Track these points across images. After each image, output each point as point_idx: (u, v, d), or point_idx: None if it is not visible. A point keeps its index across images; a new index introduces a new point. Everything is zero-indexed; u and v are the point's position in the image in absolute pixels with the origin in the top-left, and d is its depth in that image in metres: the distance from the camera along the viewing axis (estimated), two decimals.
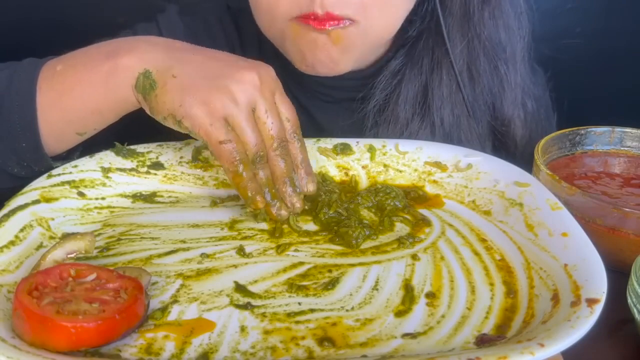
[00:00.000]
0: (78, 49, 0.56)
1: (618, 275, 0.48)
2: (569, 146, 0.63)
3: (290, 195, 0.53)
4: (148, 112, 0.53)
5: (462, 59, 0.66)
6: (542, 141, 0.59)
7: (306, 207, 0.55)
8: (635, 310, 0.44)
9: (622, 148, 0.63)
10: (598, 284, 0.41)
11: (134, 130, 0.58)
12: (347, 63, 0.62)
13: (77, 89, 0.53)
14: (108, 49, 0.54)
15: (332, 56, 0.60)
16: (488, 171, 0.59)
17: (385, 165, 0.62)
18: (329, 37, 0.58)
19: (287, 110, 0.53)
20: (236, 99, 0.50)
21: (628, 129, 0.63)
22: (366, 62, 0.68)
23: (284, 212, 0.53)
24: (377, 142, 0.63)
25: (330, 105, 0.72)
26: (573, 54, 1.07)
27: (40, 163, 0.55)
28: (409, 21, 0.65)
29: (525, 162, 0.60)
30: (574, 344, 0.37)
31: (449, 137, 0.67)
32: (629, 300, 0.45)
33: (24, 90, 0.53)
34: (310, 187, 0.55)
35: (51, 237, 0.50)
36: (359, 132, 0.69)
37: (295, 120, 0.54)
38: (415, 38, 0.67)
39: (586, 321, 0.38)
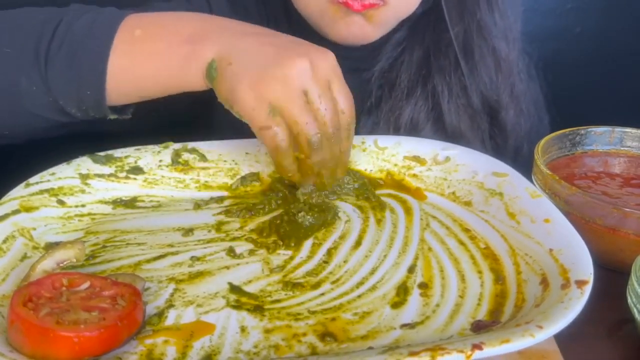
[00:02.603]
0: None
1: (618, 275, 0.49)
2: (569, 146, 0.64)
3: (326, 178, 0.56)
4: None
5: (460, 35, 0.72)
6: (542, 141, 0.60)
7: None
8: (635, 310, 0.45)
9: (622, 148, 0.63)
10: (585, 266, 0.43)
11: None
12: (377, 35, 0.69)
13: (151, 63, 0.54)
14: (188, 31, 0.54)
15: (365, 31, 0.67)
16: (466, 163, 0.60)
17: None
18: (364, 17, 0.65)
19: (344, 101, 0.53)
20: (284, 84, 0.50)
21: (628, 129, 0.64)
22: (386, 32, 0.72)
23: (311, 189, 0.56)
24: (356, 139, 0.64)
25: None
26: (573, 54, 1.09)
27: (99, 111, 0.55)
28: None
29: (520, 164, 0.61)
30: (574, 344, 0.38)
31: (447, 112, 0.72)
32: (629, 300, 0.45)
33: (100, 45, 0.53)
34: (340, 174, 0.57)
35: (35, 247, 0.49)
36: (363, 98, 0.74)
37: (351, 112, 0.54)
38: (419, 16, 0.73)
39: (578, 302, 0.40)
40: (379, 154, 0.63)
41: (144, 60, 0.54)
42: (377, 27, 0.67)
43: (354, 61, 0.73)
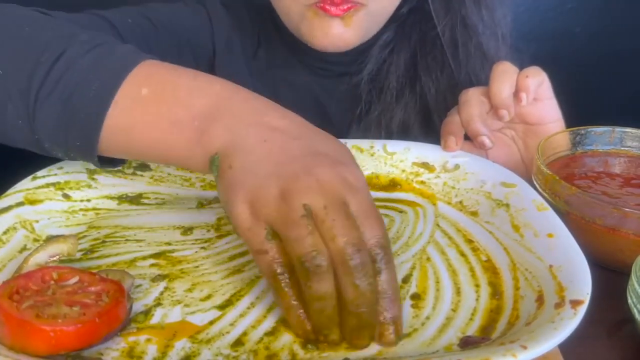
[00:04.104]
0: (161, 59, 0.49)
1: (618, 275, 0.49)
2: (569, 146, 0.63)
3: (352, 329, 0.40)
4: None
5: (446, 33, 0.71)
6: (542, 141, 0.59)
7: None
8: (635, 311, 0.44)
9: (622, 148, 0.63)
10: (582, 285, 0.41)
11: None
12: (355, 40, 0.68)
13: (152, 134, 0.46)
14: (199, 107, 0.45)
15: (344, 37, 0.66)
16: (475, 172, 0.59)
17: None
18: (342, 20, 0.65)
19: (367, 222, 0.40)
20: (283, 199, 0.40)
21: (628, 129, 0.63)
22: (367, 38, 0.72)
23: (330, 339, 0.41)
24: (365, 143, 0.63)
25: (328, 80, 0.77)
26: (573, 54, 1.07)
27: (87, 160, 0.49)
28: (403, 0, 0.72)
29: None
30: (574, 344, 0.37)
31: (435, 111, 0.71)
32: (629, 300, 0.45)
33: (100, 95, 0.46)
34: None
35: (35, 240, 0.50)
36: (353, 104, 0.74)
37: (381, 236, 0.40)
38: (406, 15, 0.73)
39: (570, 322, 0.38)
40: (387, 159, 0.62)
41: (146, 127, 0.46)
42: (357, 31, 0.66)
43: (343, 66, 0.74)
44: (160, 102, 0.46)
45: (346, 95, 0.75)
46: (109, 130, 0.46)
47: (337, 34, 0.65)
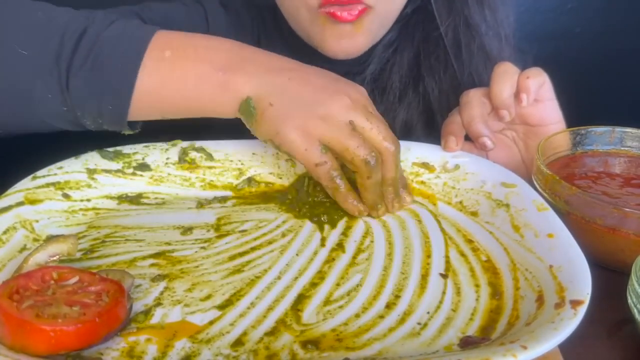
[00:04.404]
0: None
1: (618, 275, 0.49)
2: (569, 146, 0.63)
3: (392, 199, 0.56)
4: (251, 132, 0.55)
5: (449, 33, 0.71)
6: (542, 141, 0.59)
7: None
8: (635, 310, 0.44)
9: (622, 148, 0.63)
10: (582, 286, 0.41)
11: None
12: (366, 46, 0.68)
13: (182, 88, 0.53)
14: (220, 59, 0.53)
15: (355, 43, 0.67)
16: (475, 172, 0.59)
17: None
18: (353, 26, 0.65)
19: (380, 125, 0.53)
20: (329, 120, 0.51)
21: (628, 129, 0.63)
22: (375, 41, 0.72)
23: (381, 212, 0.56)
24: None
25: None
26: (573, 54, 1.07)
27: (116, 126, 0.55)
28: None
29: None
30: (574, 344, 0.37)
31: (438, 111, 0.72)
32: (629, 300, 0.45)
33: (129, 61, 0.51)
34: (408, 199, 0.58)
35: (35, 240, 0.50)
36: None
37: (391, 136, 0.54)
38: (410, 15, 0.73)
39: (570, 323, 0.38)
40: None
41: (174, 84, 0.52)
42: (367, 36, 0.66)
43: (345, 66, 0.74)
44: (184, 60, 0.52)
45: None
46: (141, 90, 0.52)
47: (349, 41, 0.65)
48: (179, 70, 0.52)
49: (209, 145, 0.62)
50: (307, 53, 0.71)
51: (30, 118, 0.53)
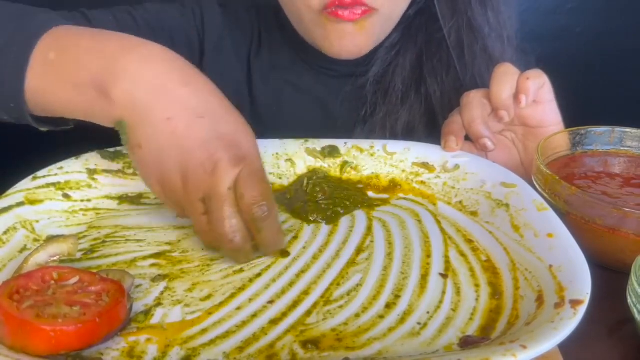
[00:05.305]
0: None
1: (618, 275, 0.48)
2: (569, 146, 0.63)
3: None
4: None
5: (452, 35, 0.72)
6: (542, 141, 0.59)
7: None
8: (635, 310, 0.44)
9: (622, 148, 0.63)
10: (582, 285, 0.41)
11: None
12: (368, 47, 0.69)
13: (61, 97, 0.50)
14: (97, 71, 0.48)
15: (357, 43, 0.66)
16: (475, 172, 0.59)
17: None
18: (354, 26, 0.64)
19: (251, 189, 0.46)
20: (186, 189, 0.47)
21: (628, 129, 0.63)
22: (378, 43, 0.72)
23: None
24: (365, 143, 0.63)
25: (333, 81, 0.77)
26: (573, 54, 1.08)
27: (25, 121, 0.53)
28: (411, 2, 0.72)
29: None
30: (574, 344, 0.37)
31: (440, 112, 0.71)
32: (629, 300, 0.44)
33: (16, 62, 0.50)
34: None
35: (35, 240, 0.50)
36: (358, 105, 0.74)
37: (264, 198, 0.47)
38: (413, 16, 0.73)
39: (569, 322, 0.38)
40: (387, 159, 0.62)
41: (54, 90, 0.50)
42: (370, 37, 0.67)
43: (348, 67, 0.74)
44: (64, 64, 0.49)
45: (351, 97, 0.75)
46: (30, 93, 0.51)
47: (352, 41, 0.65)
48: (59, 75, 0.50)
49: None
50: (310, 53, 0.72)
51: None
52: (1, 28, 0.51)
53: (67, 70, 0.49)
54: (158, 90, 0.47)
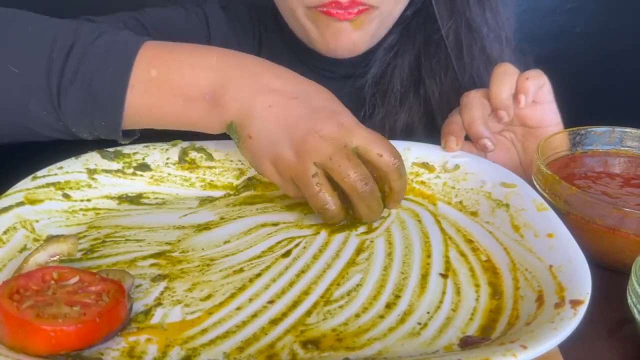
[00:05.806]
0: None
1: (618, 275, 0.49)
2: (569, 146, 0.63)
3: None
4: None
5: (450, 36, 0.72)
6: (542, 141, 0.59)
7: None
8: (635, 310, 0.44)
9: (622, 148, 0.63)
10: (582, 285, 0.41)
11: None
12: (365, 44, 0.69)
13: (170, 109, 0.53)
14: (206, 83, 0.52)
15: (353, 40, 0.66)
16: (475, 172, 0.59)
17: None
18: (351, 24, 0.65)
19: (377, 148, 0.52)
20: (299, 160, 0.51)
21: (628, 129, 0.63)
22: (375, 42, 0.72)
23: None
24: None
25: (332, 81, 0.76)
26: (573, 54, 1.08)
27: (112, 137, 0.55)
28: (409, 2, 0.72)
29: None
30: (574, 344, 0.37)
31: (439, 113, 0.72)
32: (629, 300, 0.45)
33: (116, 81, 0.51)
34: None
35: (35, 240, 0.50)
36: (357, 106, 0.73)
37: (389, 154, 0.53)
38: (411, 17, 0.73)
39: (570, 323, 0.38)
40: None
41: (163, 106, 0.53)
42: (366, 35, 0.66)
43: (347, 68, 0.74)
44: (170, 81, 0.52)
45: (350, 98, 0.74)
46: (131, 110, 0.52)
47: (347, 39, 0.65)
48: (167, 92, 0.52)
49: (209, 145, 0.62)
50: (309, 55, 0.72)
51: (29, 131, 0.54)
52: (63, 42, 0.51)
53: (175, 86, 0.52)
54: (257, 88, 0.52)
